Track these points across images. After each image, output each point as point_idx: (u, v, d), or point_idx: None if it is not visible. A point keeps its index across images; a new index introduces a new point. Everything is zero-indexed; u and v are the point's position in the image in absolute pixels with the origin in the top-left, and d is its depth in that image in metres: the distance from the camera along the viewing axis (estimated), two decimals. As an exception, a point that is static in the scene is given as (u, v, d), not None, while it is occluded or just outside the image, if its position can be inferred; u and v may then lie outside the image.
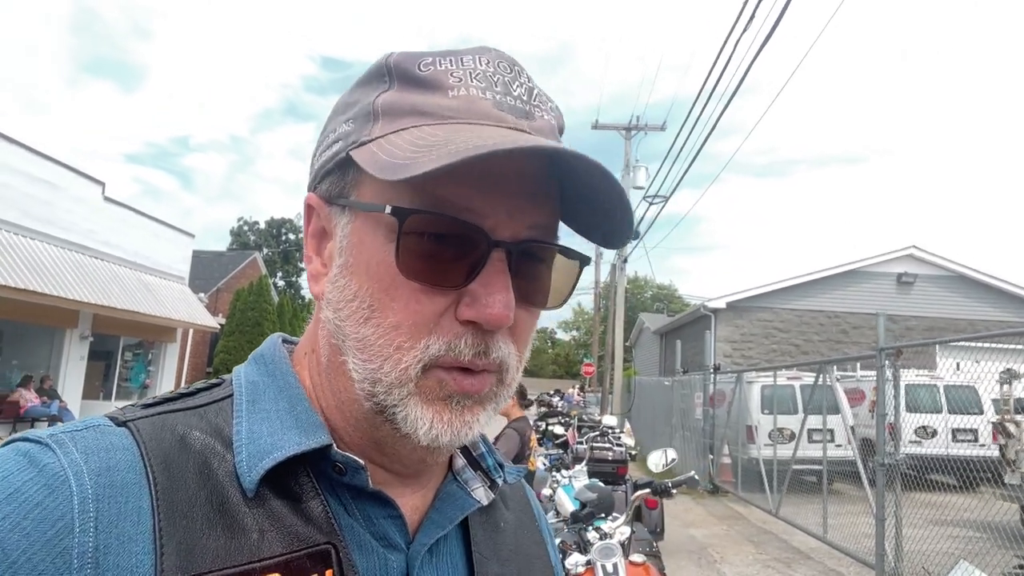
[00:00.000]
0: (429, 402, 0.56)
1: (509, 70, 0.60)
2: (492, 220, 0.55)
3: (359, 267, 0.57)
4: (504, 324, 0.54)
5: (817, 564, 7.69)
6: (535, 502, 0.82)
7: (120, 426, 0.54)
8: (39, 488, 0.48)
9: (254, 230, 45.97)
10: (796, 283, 19.61)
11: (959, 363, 13.23)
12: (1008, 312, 18.85)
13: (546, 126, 0.59)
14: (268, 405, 0.60)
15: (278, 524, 0.54)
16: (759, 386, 12.52)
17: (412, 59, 0.59)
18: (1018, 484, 7.42)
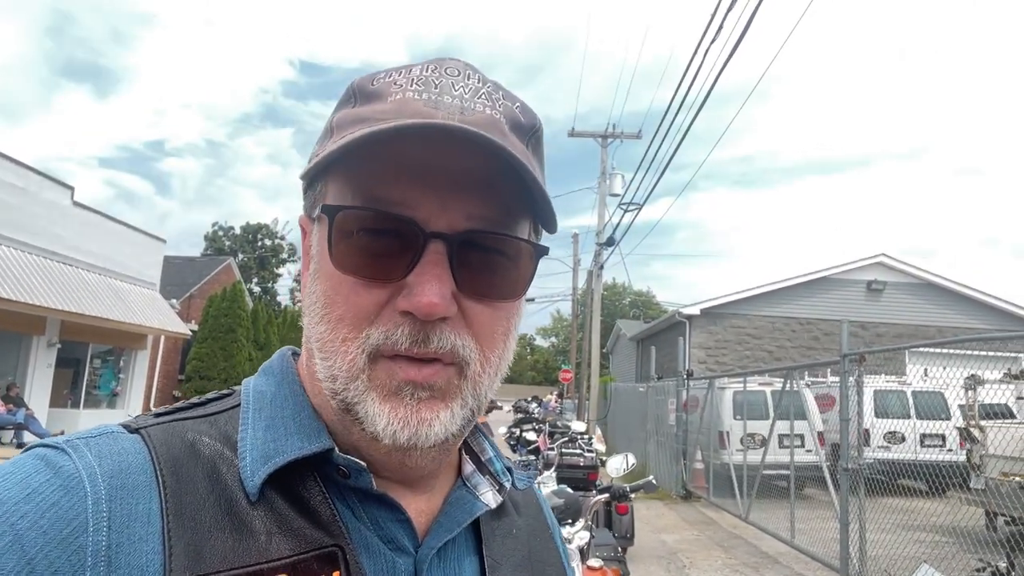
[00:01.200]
0: (385, 398, 0.57)
1: (458, 73, 0.61)
2: (423, 211, 0.56)
3: (319, 271, 0.60)
4: (436, 313, 0.55)
5: (785, 568, 7.74)
6: (548, 510, 0.83)
7: (133, 432, 0.57)
8: (55, 489, 0.50)
9: (229, 235, 45.45)
10: (769, 290, 19.80)
11: (927, 369, 13.43)
12: (975, 319, 19.17)
13: (484, 119, 0.58)
14: (273, 412, 0.62)
15: (285, 526, 0.55)
16: (731, 392, 12.60)
17: (369, 77, 0.62)
18: (983, 489, 7.54)
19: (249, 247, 45.28)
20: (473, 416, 0.62)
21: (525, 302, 0.68)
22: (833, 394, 12.58)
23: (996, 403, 9.81)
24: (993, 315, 19.43)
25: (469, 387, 0.60)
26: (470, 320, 0.58)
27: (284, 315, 32.39)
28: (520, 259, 0.61)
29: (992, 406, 9.39)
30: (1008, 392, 9.57)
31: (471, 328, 0.59)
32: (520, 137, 0.61)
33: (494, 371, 0.62)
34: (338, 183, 0.59)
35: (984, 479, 7.70)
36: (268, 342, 27.30)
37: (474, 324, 0.59)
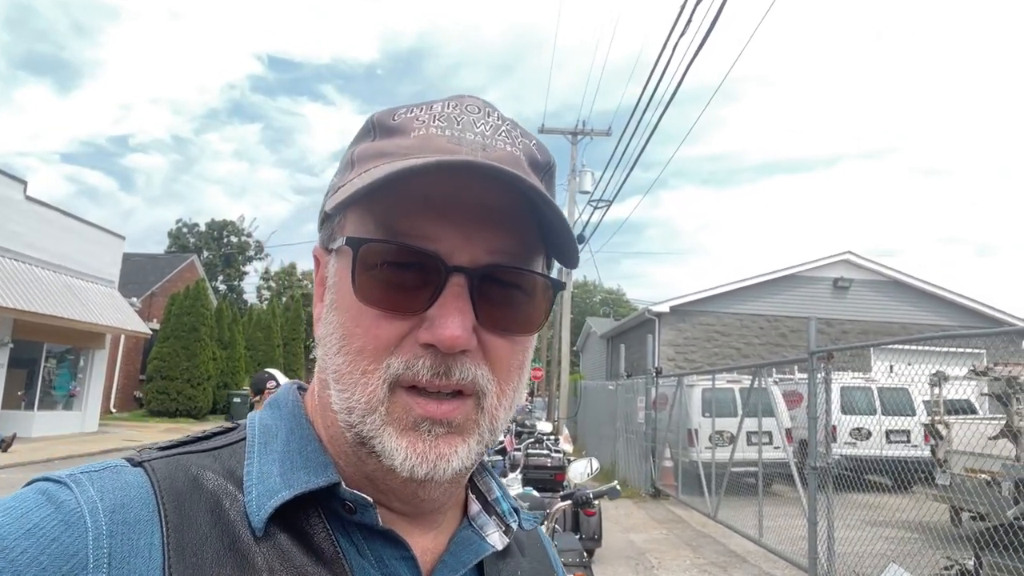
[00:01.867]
0: (402, 432, 0.57)
1: (477, 111, 0.62)
2: (446, 245, 0.56)
3: (338, 302, 0.60)
4: (458, 346, 0.55)
5: (753, 567, 7.68)
6: (552, 550, 0.82)
7: (136, 466, 0.57)
8: (56, 524, 0.50)
9: (194, 232, 44.50)
10: (737, 288, 19.89)
11: (892, 366, 13.55)
12: (939, 316, 19.46)
13: (505, 156, 0.59)
14: (279, 447, 0.61)
15: (288, 563, 0.54)
16: (699, 389, 12.57)
17: (390, 112, 0.63)
18: (948, 484, 7.55)
19: (214, 244, 44.43)
20: (487, 449, 0.62)
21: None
22: (800, 391, 12.63)
23: (959, 399, 9.91)
24: (956, 312, 19.74)
25: (486, 421, 0.60)
26: (488, 353, 0.59)
27: (250, 314, 31.85)
28: (537, 294, 0.61)
29: (955, 402, 9.47)
30: (970, 388, 9.65)
31: (488, 361, 0.59)
32: (536, 173, 0.62)
33: (509, 404, 0.62)
34: (359, 215, 0.59)
35: (949, 475, 7.72)
36: (233, 341, 26.81)
37: (491, 357, 0.59)
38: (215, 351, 25.06)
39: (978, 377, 7.43)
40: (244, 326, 29.04)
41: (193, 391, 23.63)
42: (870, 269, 20.16)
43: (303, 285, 42.98)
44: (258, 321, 30.05)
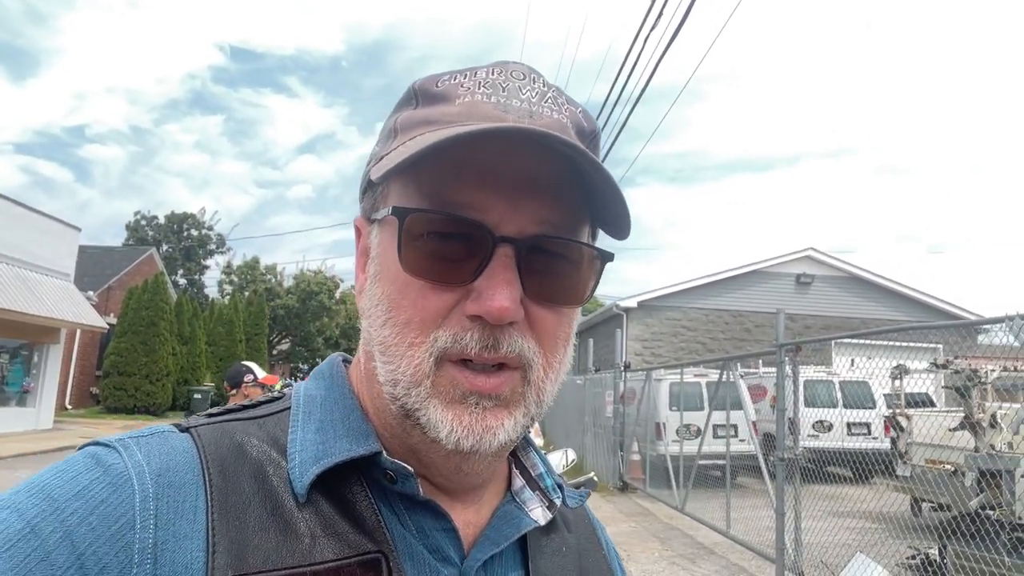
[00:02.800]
0: (448, 404, 0.56)
1: (523, 77, 0.60)
2: (494, 215, 0.55)
3: (383, 273, 0.59)
4: (507, 318, 0.54)
5: (720, 559, 7.76)
6: (600, 529, 0.80)
7: (183, 432, 0.58)
8: (104, 487, 0.51)
9: (152, 225, 43.34)
10: (703, 283, 20.12)
11: (853, 360, 13.83)
12: (897, 311, 19.94)
13: (553, 123, 0.58)
14: (323, 415, 0.62)
15: (330, 530, 0.54)
16: (667, 383, 12.67)
17: (433, 79, 0.61)
18: (908, 476, 7.71)
19: (174, 238, 43.45)
20: (533, 422, 0.61)
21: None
22: (764, 384, 12.84)
23: (918, 392, 10.15)
24: (912, 307, 20.25)
25: (533, 393, 0.59)
26: (534, 325, 0.58)
27: (211, 308, 31.23)
28: (584, 264, 0.60)
29: (914, 395, 9.70)
30: (929, 381, 9.89)
31: (535, 332, 0.58)
32: (583, 141, 0.61)
33: (555, 376, 0.61)
34: (404, 185, 0.58)
35: (910, 466, 7.88)
36: (193, 336, 26.27)
37: (538, 329, 0.58)
38: (175, 346, 24.52)
39: (939, 370, 7.58)
40: (205, 321, 28.45)
41: (152, 387, 23.10)
42: (831, 265, 20.56)
43: (266, 280, 42.28)
44: (220, 316, 29.48)
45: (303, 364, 50.07)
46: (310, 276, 42.78)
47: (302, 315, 41.89)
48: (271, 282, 42.35)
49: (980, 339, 11.60)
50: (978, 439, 5.50)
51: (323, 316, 42.97)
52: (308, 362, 50.03)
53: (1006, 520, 4.45)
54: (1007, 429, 5.17)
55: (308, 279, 42.32)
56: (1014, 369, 6.15)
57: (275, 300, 40.11)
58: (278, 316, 40.49)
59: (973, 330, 11.07)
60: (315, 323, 42.77)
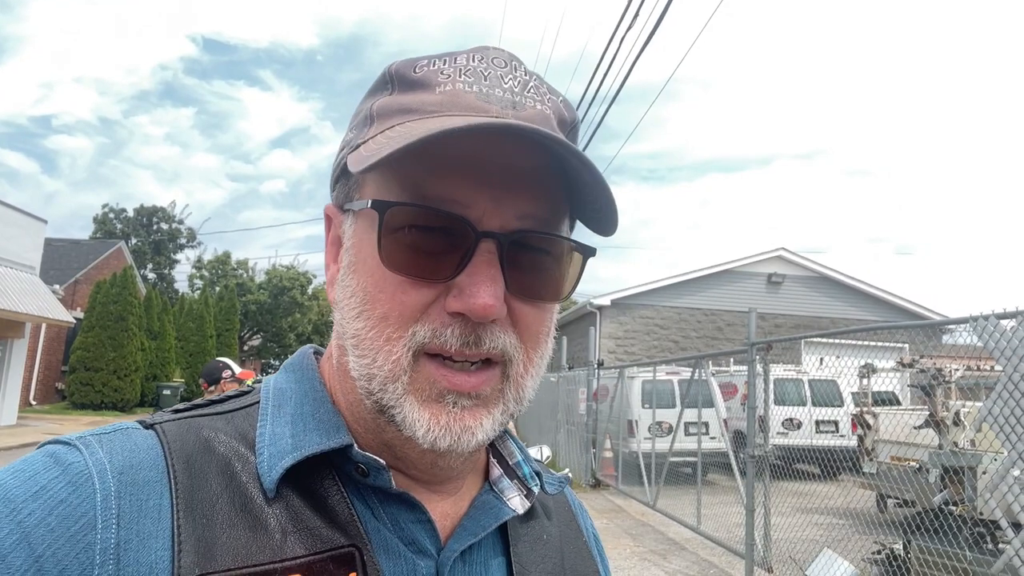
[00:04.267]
0: (424, 402, 0.55)
1: (504, 64, 0.59)
2: (476, 210, 0.54)
3: (358, 265, 0.58)
4: (491, 315, 0.53)
5: (691, 555, 7.84)
6: (582, 514, 0.80)
7: (147, 428, 0.57)
8: (64, 486, 0.49)
9: (121, 218, 42.51)
10: (676, 282, 20.29)
11: (822, 358, 14.05)
12: (866, 311, 20.29)
13: (536, 115, 0.57)
14: (292, 409, 0.60)
15: (301, 525, 0.53)
16: (640, 381, 12.76)
17: (410, 64, 0.59)
18: (874, 473, 7.86)
19: (143, 231, 42.72)
20: (512, 419, 0.60)
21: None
22: (735, 382, 12.99)
23: (884, 391, 10.34)
24: (880, 307, 20.63)
25: (512, 390, 0.58)
26: (516, 320, 0.57)
27: (181, 303, 30.78)
28: (565, 259, 0.59)
29: (880, 393, 9.88)
30: (895, 380, 10.07)
31: (516, 328, 0.57)
32: (564, 132, 0.60)
33: (536, 372, 0.60)
34: (382, 176, 0.57)
35: (876, 464, 8.03)
36: (163, 331, 25.87)
37: (520, 324, 0.57)
38: (143, 341, 24.12)
39: (905, 369, 7.73)
40: (175, 316, 28.04)
41: (120, 383, 22.70)
42: (802, 265, 20.86)
43: (238, 275, 41.76)
44: (190, 311, 29.06)
45: (275, 360, 49.57)
46: (282, 271, 42.36)
47: (274, 311, 41.46)
48: (243, 277, 41.83)
49: (944, 339, 11.85)
50: (942, 437, 5.62)
51: (295, 312, 42.55)
52: (280, 358, 49.54)
53: (968, 516, 4.56)
54: (970, 427, 5.30)
55: (280, 274, 41.90)
56: (977, 368, 6.30)
57: (247, 295, 39.64)
58: (249, 311, 40.02)
59: (938, 330, 11.34)
60: (287, 319, 42.34)
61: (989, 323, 3.79)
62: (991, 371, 5.79)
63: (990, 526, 4.45)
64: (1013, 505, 3.57)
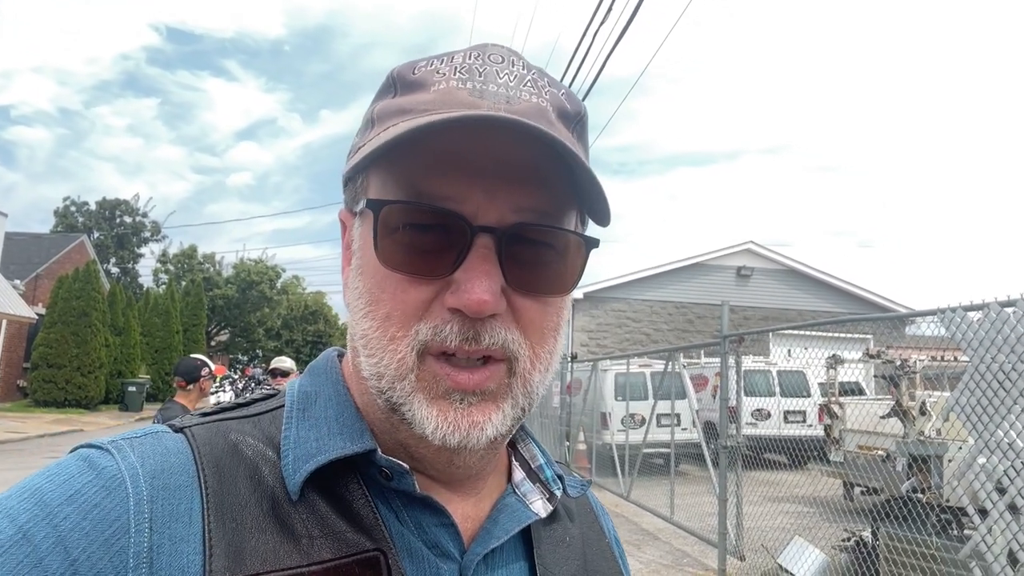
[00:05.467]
0: (432, 400, 0.55)
1: (501, 60, 0.59)
2: (471, 205, 0.54)
3: (364, 267, 0.58)
4: (486, 310, 0.53)
5: (664, 544, 7.95)
6: (604, 518, 0.80)
7: (177, 432, 0.57)
8: (97, 490, 0.50)
9: (83, 211, 41.47)
10: (647, 275, 20.45)
11: (790, 350, 14.30)
12: (831, 303, 20.67)
13: (530, 108, 0.56)
14: (317, 412, 0.61)
15: (328, 529, 0.54)
16: (613, 374, 12.86)
17: (410, 65, 0.60)
18: (841, 461, 8.03)
19: (106, 224, 41.76)
20: (523, 415, 0.60)
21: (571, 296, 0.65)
22: (706, 375, 13.16)
23: (850, 381, 10.56)
24: (845, 299, 21.02)
25: (519, 384, 0.58)
26: (519, 315, 0.57)
27: (146, 298, 30.21)
28: (569, 252, 0.59)
29: (846, 384, 10.09)
30: (860, 370, 10.30)
31: (520, 323, 0.57)
32: (566, 125, 0.60)
33: (544, 367, 0.60)
34: (381, 176, 0.57)
35: (843, 452, 8.20)
36: (128, 327, 25.38)
37: (523, 319, 0.57)
38: (108, 337, 23.64)
39: (871, 360, 7.90)
40: (140, 311, 27.52)
41: (84, 380, 22.23)
42: (770, 258, 21.16)
43: (204, 269, 41.10)
44: (155, 306, 28.55)
45: (243, 355, 48.92)
46: (250, 265, 41.79)
47: (242, 305, 40.90)
48: (209, 271, 41.18)
49: (908, 330, 12.13)
50: (908, 426, 5.76)
51: (264, 306, 42.04)
52: (248, 353, 48.91)
53: (934, 503, 4.69)
54: (936, 416, 5.44)
55: (248, 268, 41.33)
56: (941, 359, 6.46)
57: (214, 290, 39.04)
58: (217, 306, 39.43)
59: (902, 322, 11.61)
60: (255, 314, 41.81)
61: (956, 315, 3.89)
62: (955, 361, 5.94)
63: (957, 513, 4.58)
64: (979, 492, 3.68)
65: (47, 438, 15.70)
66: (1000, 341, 3.60)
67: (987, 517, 3.64)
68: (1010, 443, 3.53)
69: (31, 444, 14.55)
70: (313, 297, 51.92)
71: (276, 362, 6.79)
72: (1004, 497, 3.55)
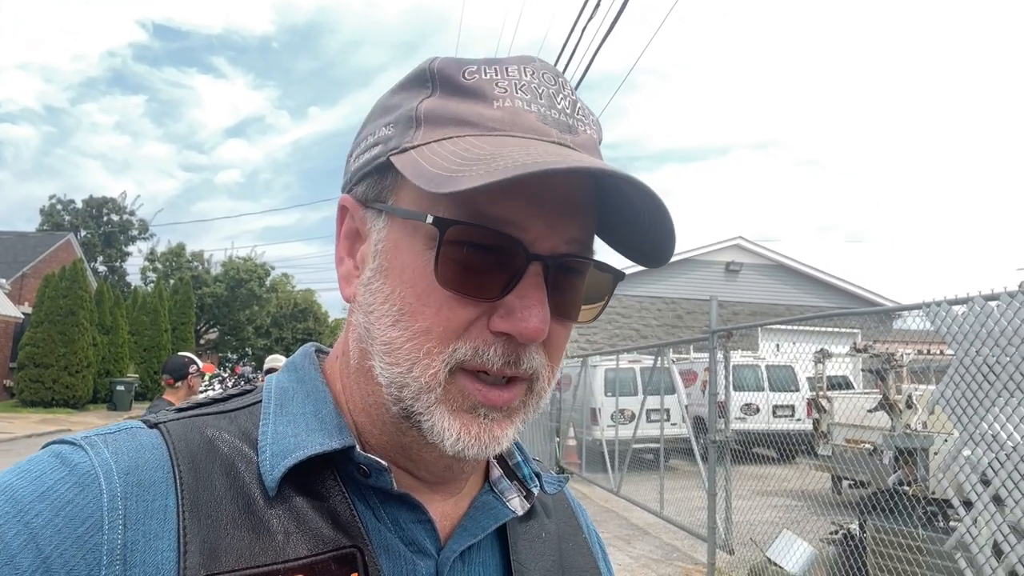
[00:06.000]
0: (456, 413, 0.56)
1: (553, 82, 0.59)
2: (532, 234, 0.55)
3: (393, 271, 0.57)
4: (539, 338, 0.54)
5: (654, 539, 7.98)
6: (581, 513, 0.81)
7: (152, 428, 0.57)
8: (70, 486, 0.50)
9: (69, 209, 41.09)
10: (637, 271, 20.35)
11: (778, 345, 14.36)
12: (819, 298, 20.79)
13: (589, 141, 0.59)
14: (295, 408, 0.61)
15: (303, 526, 0.54)
16: (603, 369, 12.89)
17: (457, 66, 0.58)
18: (829, 455, 8.08)
19: (93, 223, 41.42)
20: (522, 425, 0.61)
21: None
22: (695, 369, 13.20)
23: (837, 375, 10.62)
24: (834, 294, 21.15)
25: (534, 402, 0.60)
26: (548, 339, 0.58)
27: (134, 297, 30.01)
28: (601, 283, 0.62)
29: (833, 378, 10.15)
30: (848, 364, 10.36)
31: (547, 347, 0.59)
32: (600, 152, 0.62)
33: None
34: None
35: (831, 446, 8.25)
36: (115, 326, 25.21)
37: (550, 343, 0.59)
38: (95, 336, 23.47)
39: (858, 354, 7.96)
40: (128, 310, 27.34)
41: (71, 379, 22.06)
42: (758, 254, 21.26)
43: (193, 267, 40.87)
44: (143, 304, 28.37)
45: (232, 354, 48.72)
46: (239, 263, 41.59)
47: (231, 303, 40.72)
48: (198, 269, 40.96)
49: (895, 324, 12.22)
50: (894, 419, 5.81)
51: (253, 304, 41.87)
52: (237, 352, 48.71)
53: (921, 495, 4.73)
54: (922, 409, 5.49)
55: (237, 266, 41.14)
56: (927, 352, 6.51)
57: (202, 288, 38.84)
58: (206, 304, 39.24)
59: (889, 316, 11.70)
60: (245, 312, 41.64)
61: (942, 309, 3.92)
62: (941, 355, 5.99)
63: (942, 505, 4.62)
64: (964, 484, 3.71)
65: (34, 438, 15.58)
66: (984, 334, 3.63)
67: (972, 509, 3.68)
68: (994, 435, 3.56)
69: (18, 444, 14.43)
70: (303, 295, 51.75)
71: (270, 361, 6.72)
72: (988, 489, 3.58)
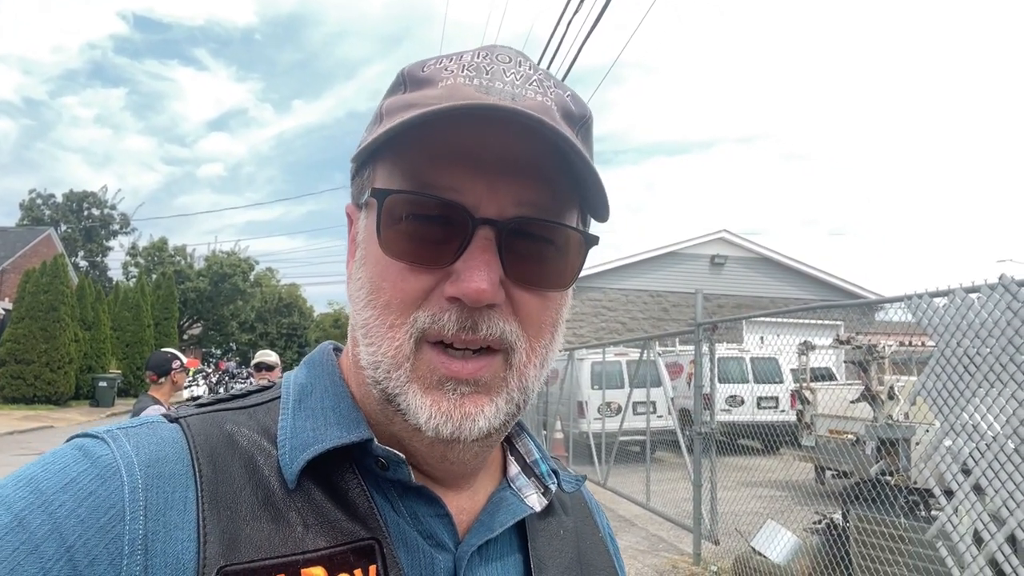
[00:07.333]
0: (427, 390, 0.56)
1: (508, 60, 0.60)
2: (473, 197, 0.55)
3: (367, 257, 0.60)
4: (484, 299, 0.54)
5: (641, 530, 8.04)
6: (598, 512, 0.81)
7: (172, 422, 0.58)
8: (92, 478, 0.51)
9: (50, 204, 40.64)
10: (623, 264, 20.56)
11: (763, 337, 14.49)
12: (803, 290, 20.96)
13: (535, 105, 0.56)
14: (314, 403, 0.62)
15: (322, 518, 0.54)
16: (589, 363, 12.94)
17: (419, 64, 0.61)
18: (813, 446, 8.17)
19: (74, 217, 40.98)
20: (519, 411, 0.61)
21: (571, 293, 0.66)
22: (681, 362, 13.29)
23: (821, 367, 10.74)
24: (817, 286, 21.33)
25: (515, 378, 0.59)
26: (517, 308, 0.58)
27: (116, 292, 29.73)
28: (569, 248, 0.60)
29: (817, 370, 10.26)
30: (831, 356, 10.47)
31: (518, 316, 0.58)
32: (570, 125, 0.60)
33: (540, 362, 0.60)
34: (386, 168, 0.58)
35: (815, 437, 8.34)
36: (97, 321, 24.97)
37: (521, 313, 0.58)
38: (77, 332, 23.24)
39: (841, 346, 8.04)
40: (110, 305, 27.10)
41: (53, 375, 21.85)
42: (743, 247, 21.38)
43: (175, 262, 40.50)
44: (125, 300, 28.12)
45: (216, 349, 48.38)
46: (223, 258, 41.30)
47: (215, 298, 40.44)
48: (181, 264, 40.62)
49: (877, 316, 12.36)
50: (877, 410, 5.88)
51: (237, 299, 41.59)
52: (221, 347, 48.39)
53: (903, 485, 4.79)
54: (904, 400, 5.56)
55: (220, 261, 40.84)
56: (909, 344, 6.59)
57: (185, 283, 38.52)
58: (189, 299, 38.95)
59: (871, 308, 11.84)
60: (229, 306, 41.37)
61: (923, 301, 3.97)
62: (923, 347, 6.07)
63: (924, 494, 4.69)
64: (945, 474, 3.77)
65: (16, 435, 15.42)
66: (965, 326, 3.69)
67: (953, 498, 3.74)
68: (975, 426, 3.62)
69: (1, 441, 14.28)
70: (287, 289, 51.49)
71: (260, 356, 6.61)
72: (969, 478, 3.64)
